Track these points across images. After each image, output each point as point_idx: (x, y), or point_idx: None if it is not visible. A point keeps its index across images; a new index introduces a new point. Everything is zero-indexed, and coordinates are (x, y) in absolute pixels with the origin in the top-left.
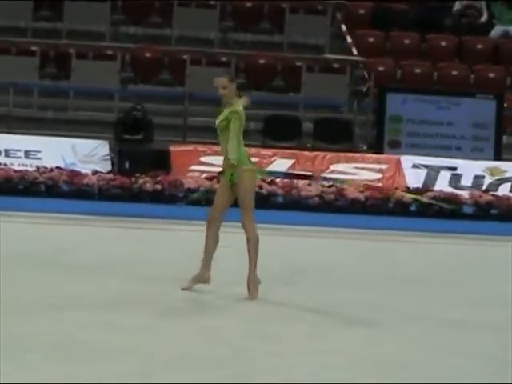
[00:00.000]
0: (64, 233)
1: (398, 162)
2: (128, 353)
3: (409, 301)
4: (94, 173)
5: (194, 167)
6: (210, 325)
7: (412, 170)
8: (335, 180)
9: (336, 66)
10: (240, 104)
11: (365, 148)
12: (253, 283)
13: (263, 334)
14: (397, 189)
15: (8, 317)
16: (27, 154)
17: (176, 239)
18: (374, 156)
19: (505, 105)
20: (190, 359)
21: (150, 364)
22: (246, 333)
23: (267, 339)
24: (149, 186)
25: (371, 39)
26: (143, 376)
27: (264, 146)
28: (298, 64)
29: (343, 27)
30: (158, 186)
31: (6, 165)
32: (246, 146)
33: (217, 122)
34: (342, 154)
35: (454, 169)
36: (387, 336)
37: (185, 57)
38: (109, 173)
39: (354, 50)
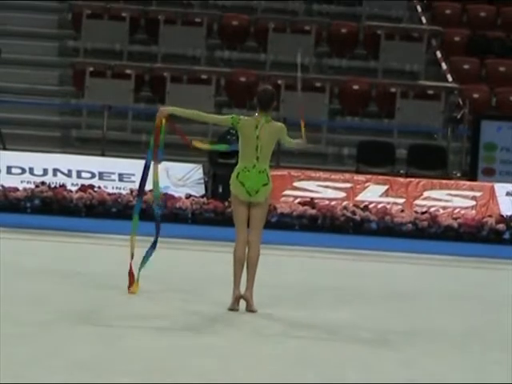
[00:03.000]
0: (156, 256)
1: (492, 190)
2: None
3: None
4: (188, 196)
5: (287, 192)
6: None
7: (506, 198)
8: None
9: (431, 92)
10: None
11: (459, 175)
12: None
13: None
14: (490, 216)
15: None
16: (121, 176)
17: (271, 262)
18: (468, 183)
19: None
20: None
21: None
22: None
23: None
24: None
25: (466, 66)
26: None
27: (358, 172)
28: (393, 90)
29: (438, 54)
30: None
31: (100, 187)
32: (338, 171)
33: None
34: (435, 181)
35: None
36: None
37: (279, 82)
38: (202, 197)
39: (449, 77)
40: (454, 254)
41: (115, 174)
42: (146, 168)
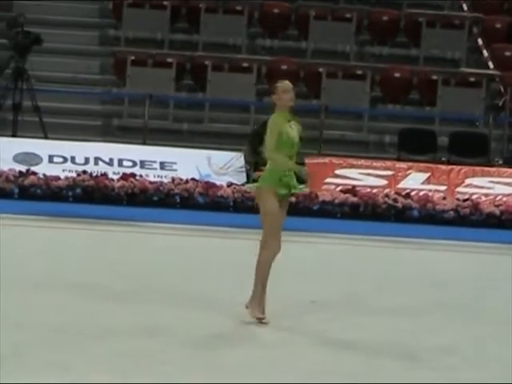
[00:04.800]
0: (199, 244)
1: None
2: None
3: None
4: (229, 185)
5: (328, 180)
6: None
7: None
8: None
9: (472, 79)
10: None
11: (500, 162)
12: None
13: None
14: None
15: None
16: (162, 165)
17: (313, 251)
18: (510, 170)
19: None
20: None
21: None
22: None
23: None
24: None
25: (508, 53)
26: None
27: (399, 159)
28: (434, 78)
29: (480, 41)
30: (293, 199)
31: (141, 176)
32: (380, 159)
33: (294, 135)
34: (477, 168)
35: None
36: None
37: (320, 70)
38: (243, 185)
39: (491, 64)
40: (496, 241)
41: (156, 162)
42: None
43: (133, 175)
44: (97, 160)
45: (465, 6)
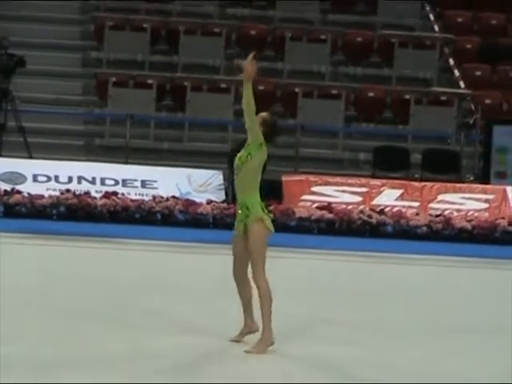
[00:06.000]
0: (178, 260)
1: (505, 193)
2: None
3: None
4: (209, 202)
5: (305, 197)
6: None
7: None
8: None
9: (444, 98)
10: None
11: (472, 179)
12: (265, 340)
13: None
14: (503, 218)
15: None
16: (144, 183)
17: (289, 267)
18: (481, 186)
19: None
20: None
21: None
22: None
23: None
24: None
25: (478, 73)
26: None
27: (373, 177)
28: (407, 97)
29: (451, 61)
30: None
31: (123, 194)
32: (355, 176)
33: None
34: (449, 185)
35: None
36: None
37: (296, 90)
38: (223, 202)
39: (462, 84)
40: (468, 255)
41: (138, 181)
42: None
43: (115, 193)
44: (80, 179)
45: (436, 27)
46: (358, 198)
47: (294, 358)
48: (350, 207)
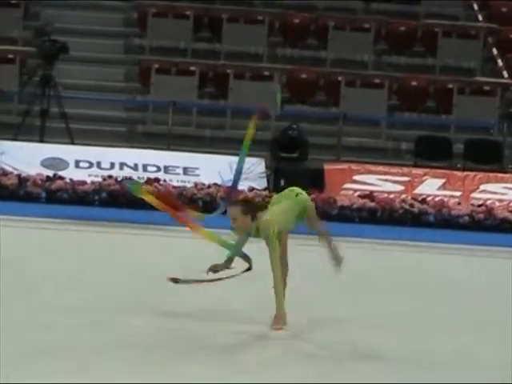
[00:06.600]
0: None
1: None
2: None
3: None
4: (251, 189)
5: (347, 185)
6: None
7: None
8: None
9: (487, 88)
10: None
11: None
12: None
13: None
14: None
15: None
16: (186, 170)
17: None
18: None
19: None
20: None
21: None
22: None
23: None
24: None
25: None
26: None
27: (416, 166)
28: (450, 86)
29: (494, 51)
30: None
31: (165, 181)
32: (397, 165)
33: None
34: (491, 175)
35: None
36: None
37: (339, 78)
38: (264, 190)
39: (505, 73)
40: (509, 245)
41: (180, 167)
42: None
43: (157, 180)
44: (122, 165)
45: (480, 17)
46: (400, 187)
47: (331, 346)
48: (391, 196)
